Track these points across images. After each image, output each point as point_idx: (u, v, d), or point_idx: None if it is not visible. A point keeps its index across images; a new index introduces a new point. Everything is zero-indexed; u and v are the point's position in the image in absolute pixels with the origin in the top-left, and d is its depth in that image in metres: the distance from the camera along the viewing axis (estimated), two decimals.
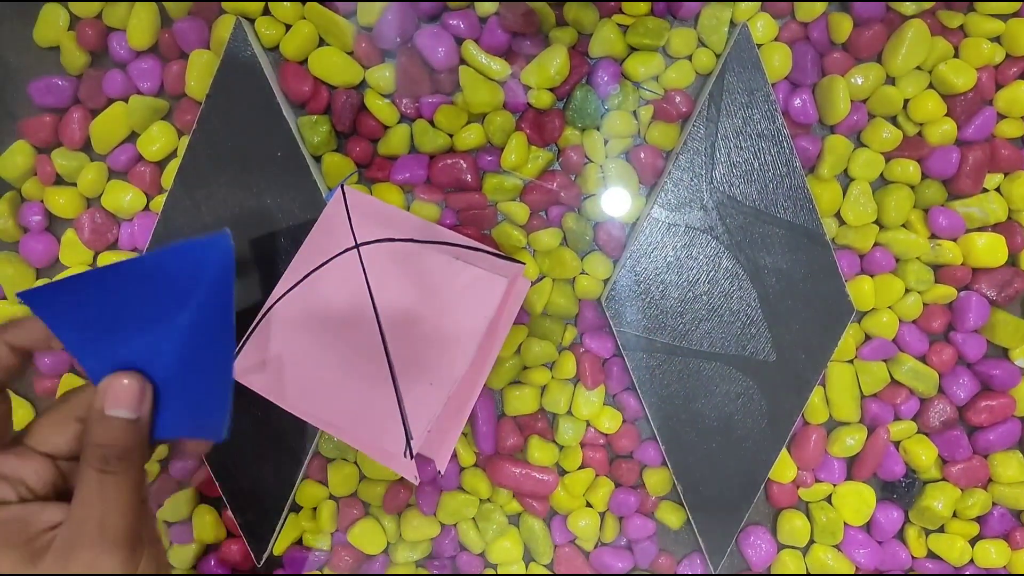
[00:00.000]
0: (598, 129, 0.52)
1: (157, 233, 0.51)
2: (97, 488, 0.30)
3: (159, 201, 0.52)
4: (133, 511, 0.31)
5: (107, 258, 0.52)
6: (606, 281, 0.52)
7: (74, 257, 0.53)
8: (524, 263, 0.45)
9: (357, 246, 0.45)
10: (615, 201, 0.52)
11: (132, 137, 0.53)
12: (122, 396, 0.31)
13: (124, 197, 0.52)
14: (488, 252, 0.45)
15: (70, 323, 0.32)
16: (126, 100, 0.52)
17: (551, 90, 0.51)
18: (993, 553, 0.53)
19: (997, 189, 0.52)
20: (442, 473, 0.51)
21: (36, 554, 0.30)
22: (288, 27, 0.51)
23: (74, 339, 0.32)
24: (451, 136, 0.51)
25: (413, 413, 0.43)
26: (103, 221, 0.53)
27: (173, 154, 0.52)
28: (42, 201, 0.53)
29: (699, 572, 0.54)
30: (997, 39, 0.51)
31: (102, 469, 0.30)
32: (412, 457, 0.42)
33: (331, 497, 0.54)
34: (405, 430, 0.42)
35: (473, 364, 0.46)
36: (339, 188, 0.46)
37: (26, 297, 0.31)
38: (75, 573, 0.29)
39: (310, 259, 0.46)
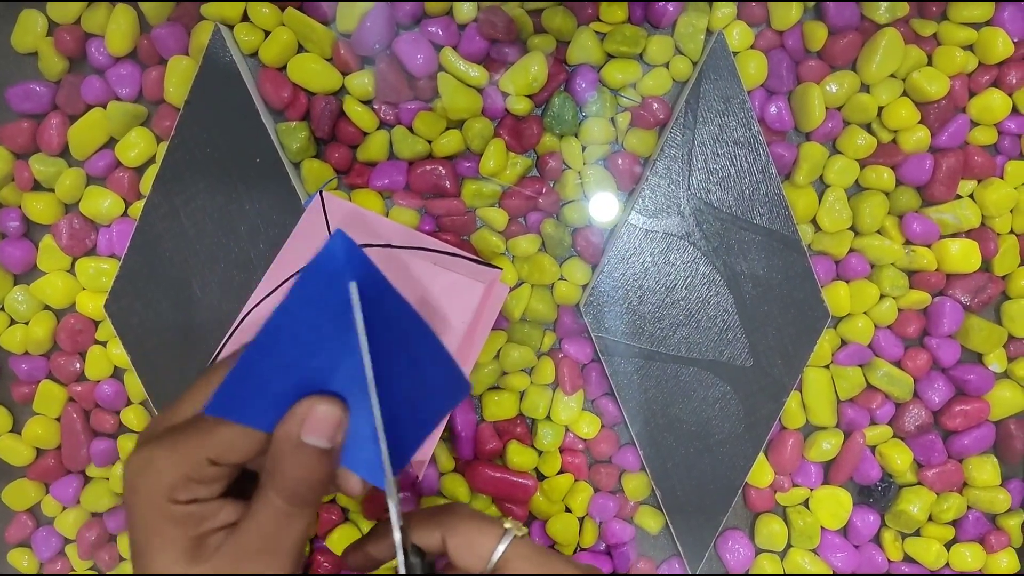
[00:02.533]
0: (576, 136, 0.52)
1: (135, 240, 0.50)
2: (277, 518, 0.29)
3: (137, 207, 0.52)
4: (304, 539, 0.30)
5: (85, 264, 0.52)
6: (584, 287, 0.52)
7: (52, 263, 0.53)
8: (501, 268, 0.45)
9: None
10: (593, 207, 0.52)
11: (110, 143, 0.52)
12: (320, 424, 0.29)
13: (102, 203, 0.52)
14: (466, 257, 0.45)
15: (260, 407, 0.29)
16: (104, 106, 0.52)
17: (529, 97, 0.51)
18: (968, 556, 0.54)
19: (970, 196, 0.53)
20: (420, 479, 0.51)
21: (200, 554, 0.29)
22: (267, 33, 0.51)
23: (271, 418, 0.30)
24: (430, 142, 0.51)
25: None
26: (81, 227, 0.52)
27: (152, 160, 0.52)
28: (20, 207, 0.53)
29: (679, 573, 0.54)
30: (970, 47, 0.52)
31: (289, 501, 0.29)
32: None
33: None
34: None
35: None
36: (318, 194, 0.46)
37: (215, 411, 0.29)
38: None
39: (288, 264, 0.46)
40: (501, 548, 0.32)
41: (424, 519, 0.33)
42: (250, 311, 0.46)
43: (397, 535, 0.31)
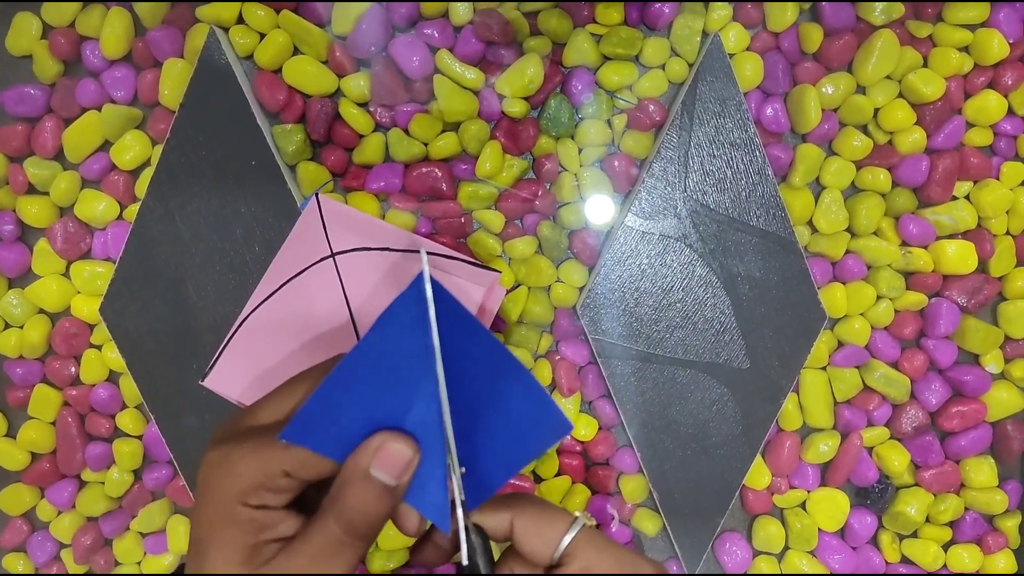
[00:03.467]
0: (572, 138, 0.52)
1: (130, 243, 0.50)
2: (330, 544, 0.29)
3: (132, 210, 0.52)
4: (352, 570, 0.30)
5: (80, 268, 0.52)
6: (581, 289, 0.52)
7: (47, 267, 0.53)
8: (499, 271, 0.45)
9: (333, 255, 0.45)
10: (589, 209, 0.52)
11: (105, 146, 0.52)
12: (391, 460, 0.29)
13: (97, 206, 0.52)
14: (464, 260, 0.45)
15: (334, 437, 0.30)
16: (99, 109, 0.52)
17: (525, 99, 0.51)
18: (966, 557, 0.54)
19: (966, 197, 0.53)
20: None
21: (254, 561, 0.29)
22: (262, 36, 0.51)
23: (344, 449, 0.30)
24: (426, 145, 0.51)
25: None
26: (76, 230, 0.52)
27: (147, 163, 0.52)
28: (14, 210, 0.53)
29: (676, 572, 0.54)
30: (965, 49, 0.52)
31: (345, 530, 0.29)
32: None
33: None
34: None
35: None
36: (314, 197, 0.46)
37: (290, 437, 0.29)
38: None
39: (285, 268, 0.46)
40: (569, 537, 0.31)
41: (493, 502, 0.33)
42: (248, 314, 0.46)
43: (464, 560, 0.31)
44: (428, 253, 0.45)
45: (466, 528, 0.31)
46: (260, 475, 0.29)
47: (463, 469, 0.31)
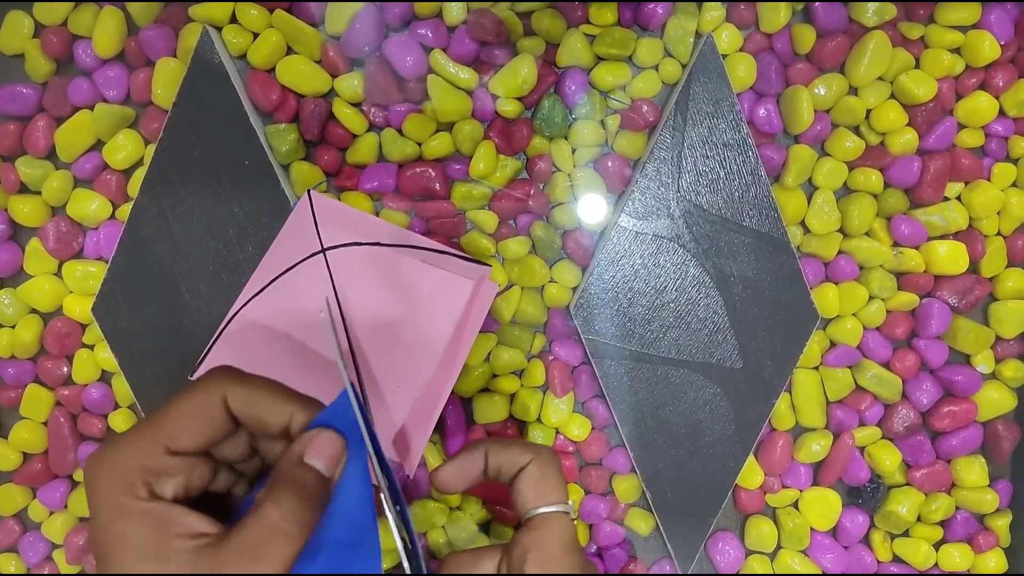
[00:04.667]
0: (566, 138, 0.52)
1: (123, 243, 0.50)
2: (267, 530, 0.29)
3: (125, 210, 0.51)
4: (287, 565, 0.29)
5: (72, 267, 0.52)
6: (574, 289, 0.52)
7: (39, 266, 0.52)
8: (490, 265, 0.45)
9: (324, 250, 0.45)
10: (583, 210, 0.52)
11: (98, 145, 0.52)
12: (323, 448, 0.31)
13: (90, 206, 0.52)
14: (454, 255, 0.45)
15: None
16: (92, 108, 0.51)
17: (519, 99, 0.51)
18: (957, 557, 0.54)
19: (958, 198, 0.53)
20: (411, 477, 0.50)
21: (165, 555, 0.28)
22: (256, 35, 0.51)
23: None
24: (419, 145, 0.51)
25: (379, 415, 0.43)
26: (68, 230, 0.52)
27: (139, 162, 0.52)
28: (6, 209, 0.52)
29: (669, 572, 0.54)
30: (957, 50, 0.52)
31: (283, 516, 0.29)
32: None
33: None
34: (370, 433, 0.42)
35: (441, 368, 0.46)
36: (306, 194, 0.46)
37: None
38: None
39: (276, 264, 0.46)
40: (546, 510, 0.34)
41: (522, 443, 0.36)
42: (239, 310, 0.46)
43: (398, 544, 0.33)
44: (418, 248, 0.45)
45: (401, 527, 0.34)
46: (140, 459, 0.29)
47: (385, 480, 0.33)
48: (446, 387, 0.45)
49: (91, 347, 0.53)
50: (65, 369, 0.53)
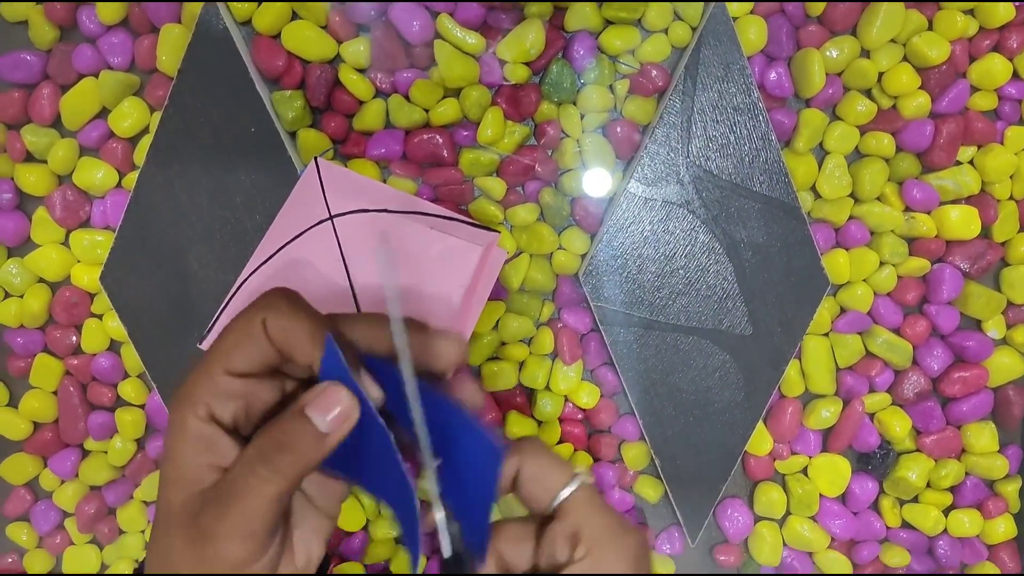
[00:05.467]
0: (574, 103, 0.51)
1: (129, 211, 0.50)
2: (244, 472, 0.29)
3: (131, 178, 0.51)
4: (269, 515, 0.28)
5: (79, 236, 0.52)
6: (583, 256, 0.52)
7: (46, 235, 0.52)
8: (499, 231, 0.45)
9: (331, 217, 0.45)
10: (591, 176, 0.52)
11: (103, 113, 0.52)
12: (326, 404, 0.29)
13: (96, 174, 0.51)
14: (463, 221, 0.45)
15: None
16: (96, 75, 0.51)
17: (527, 64, 0.51)
18: (967, 522, 0.54)
19: (970, 162, 0.53)
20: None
21: (193, 483, 0.29)
22: (260, 1, 0.50)
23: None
24: (427, 111, 0.51)
25: None
26: (75, 199, 0.52)
27: (145, 130, 0.52)
28: (12, 178, 0.52)
29: (677, 544, 0.54)
30: (971, 12, 0.51)
31: (260, 458, 0.29)
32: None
33: None
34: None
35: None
36: (313, 161, 0.46)
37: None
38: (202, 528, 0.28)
39: (284, 231, 0.46)
40: (567, 491, 0.32)
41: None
42: (247, 277, 0.45)
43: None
44: (426, 214, 0.45)
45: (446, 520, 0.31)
46: (204, 381, 0.29)
47: (439, 460, 0.31)
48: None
49: (99, 316, 0.53)
50: (74, 338, 0.53)
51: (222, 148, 0.50)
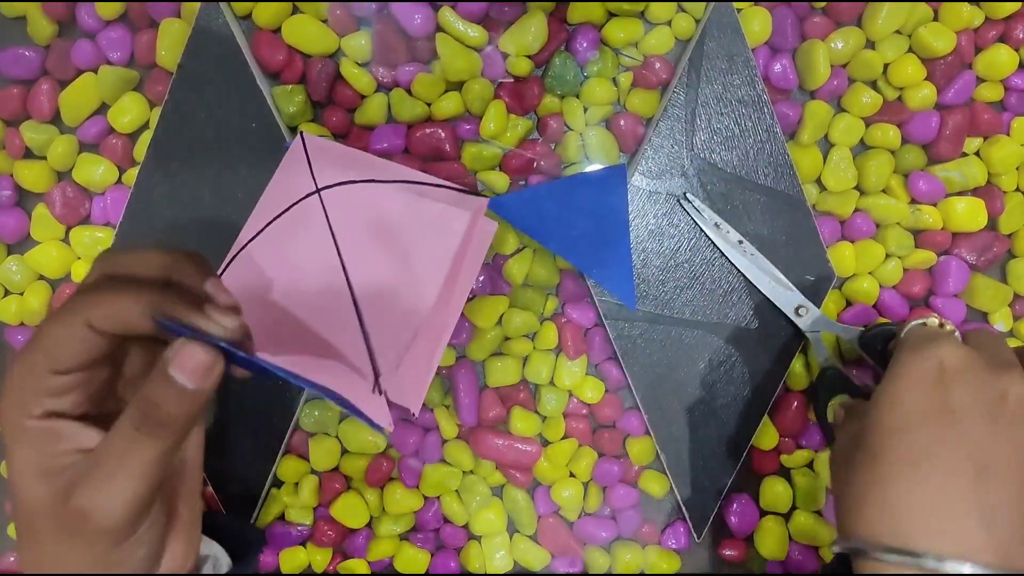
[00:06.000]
0: (577, 96, 0.51)
1: (130, 207, 0.50)
2: (123, 440, 0.29)
3: (132, 174, 0.51)
4: (153, 474, 0.29)
5: (79, 233, 0.51)
6: None
7: (46, 232, 0.52)
8: (487, 196, 0.44)
9: (318, 190, 0.45)
10: (595, 169, 0.51)
11: (103, 109, 0.51)
12: (187, 362, 0.29)
13: (96, 170, 0.51)
14: (450, 187, 0.44)
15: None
16: (96, 71, 0.51)
17: (530, 57, 0.50)
18: None
19: (977, 153, 0.52)
20: (415, 415, 0.49)
21: (51, 472, 0.29)
22: None
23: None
24: (429, 105, 0.51)
25: (380, 350, 0.43)
26: (75, 195, 0.52)
27: (145, 126, 0.51)
28: (11, 175, 0.52)
29: (683, 540, 0.54)
30: (976, 2, 0.51)
31: (137, 426, 0.29)
32: (381, 393, 0.42)
33: (313, 472, 0.53)
34: (373, 367, 0.42)
35: (441, 306, 0.45)
36: (299, 135, 0.45)
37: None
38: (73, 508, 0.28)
39: (272, 207, 0.45)
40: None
41: None
42: (236, 253, 0.45)
43: None
44: (413, 182, 0.45)
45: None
46: (29, 381, 0.29)
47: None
48: (448, 326, 0.45)
49: None
50: None
51: (223, 143, 0.49)
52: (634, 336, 0.51)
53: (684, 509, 0.53)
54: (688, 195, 0.49)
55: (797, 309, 0.50)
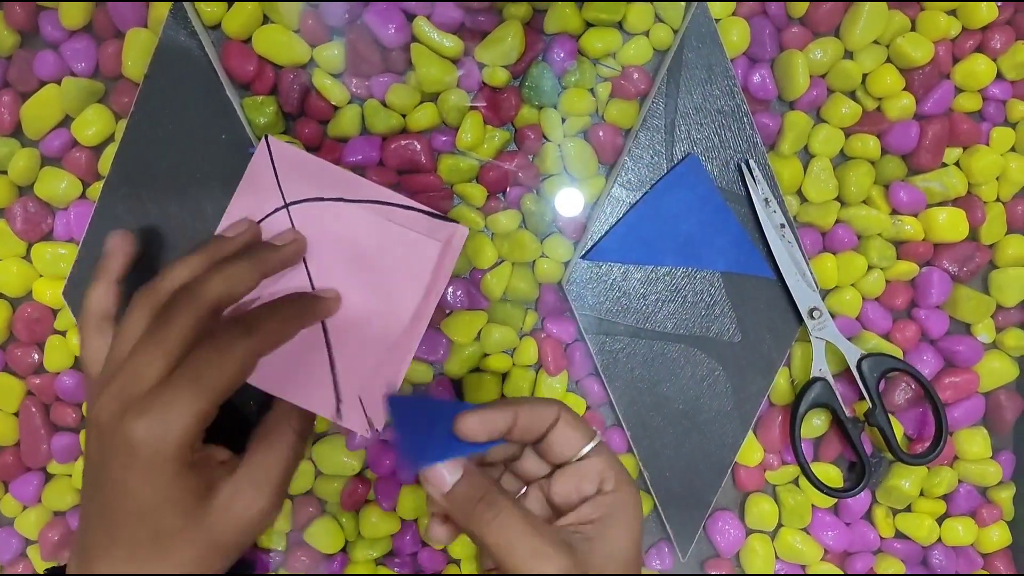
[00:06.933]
0: (555, 107, 0.50)
1: (94, 223, 0.48)
2: (290, 447, 0.39)
3: (96, 188, 0.49)
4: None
5: (41, 250, 0.50)
6: (567, 264, 0.51)
7: (6, 249, 0.50)
8: (458, 221, 0.43)
9: (287, 205, 0.44)
10: (574, 181, 0.50)
11: (66, 121, 0.50)
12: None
13: (59, 185, 0.49)
14: (422, 211, 0.44)
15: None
16: (59, 82, 0.49)
17: (506, 67, 0.49)
18: (960, 531, 0.53)
19: (956, 163, 0.52)
20: (379, 430, 0.47)
21: (210, 493, 0.35)
22: (230, 3, 0.49)
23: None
24: (404, 116, 0.49)
25: (345, 377, 0.42)
26: (37, 210, 0.50)
27: (110, 139, 0.50)
28: None
29: (667, 559, 0.53)
30: (953, 12, 0.51)
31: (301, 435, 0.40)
32: (341, 421, 0.42)
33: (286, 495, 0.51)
34: (336, 393, 0.42)
35: (412, 321, 0.44)
36: (263, 140, 0.44)
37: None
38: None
39: (236, 215, 0.44)
40: (588, 447, 0.37)
41: (543, 401, 0.37)
42: None
43: None
44: (384, 203, 0.44)
45: None
46: (198, 416, 0.33)
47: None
48: (415, 338, 0.44)
49: (63, 333, 0.50)
50: (36, 356, 0.50)
51: (191, 156, 0.48)
52: (616, 351, 0.50)
53: (669, 528, 0.52)
54: (750, 161, 0.48)
55: (811, 311, 0.49)
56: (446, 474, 0.34)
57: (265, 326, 0.36)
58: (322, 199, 0.43)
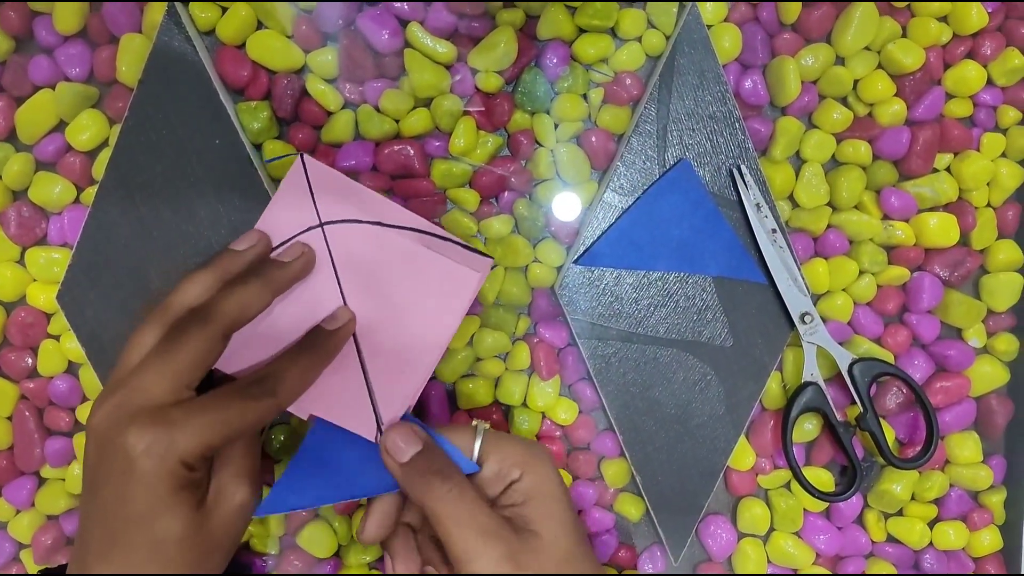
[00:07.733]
0: (548, 113, 0.50)
1: (88, 227, 0.48)
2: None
3: (90, 193, 0.49)
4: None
5: (35, 254, 0.50)
6: (559, 269, 0.51)
7: (0, 253, 0.50)
8: (492, 257, 0.44)
9: (322, 224, 0.44)
10: (567, 186, 0.51)
11: (60, 126, 0.50)
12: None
13: (53, 189, 0.49)
14: (457, 243, 0.44)
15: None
16: (53, 87, 0.49)
17: (499, 73, 0.50)
18: (952, 535, 0.53)
19: (947, 169, 0.52)
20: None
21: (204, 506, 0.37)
22: (224, 9, 0.49)
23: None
24: (397, 121, 0.50)
25: (383, 400, 0.42)
26: (31, 215, 0.50)
27: (104, 143, 0.50)
28: None
29: (660, 564, 0.53)
30: (944, 19, 0.51)
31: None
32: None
33: None
34: (376, 417, 0.42)
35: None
36: (299, 158, 0.44)
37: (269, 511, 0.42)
38: None
39: (272, 233, 0.44)
40: (478, 443, 0.39)
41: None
42: None
43: None
44: (422, 232, 0.44)
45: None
46: (202, 449, 0.35)
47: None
48: (431, 367, 0.44)
49: (56, 337, 0.51)
50: (30, 361, 0.51)
51: (185, 161, 0.48)
52: (608, 355, 0.50)
53: (661, 532, 0.52)
54: (741, 166, 0.48)
55: (803, 316, 0.49)
56: (404, 445, 0.38)
57: (288, 387, 0.39)
58: (360, 221, 0.44)
